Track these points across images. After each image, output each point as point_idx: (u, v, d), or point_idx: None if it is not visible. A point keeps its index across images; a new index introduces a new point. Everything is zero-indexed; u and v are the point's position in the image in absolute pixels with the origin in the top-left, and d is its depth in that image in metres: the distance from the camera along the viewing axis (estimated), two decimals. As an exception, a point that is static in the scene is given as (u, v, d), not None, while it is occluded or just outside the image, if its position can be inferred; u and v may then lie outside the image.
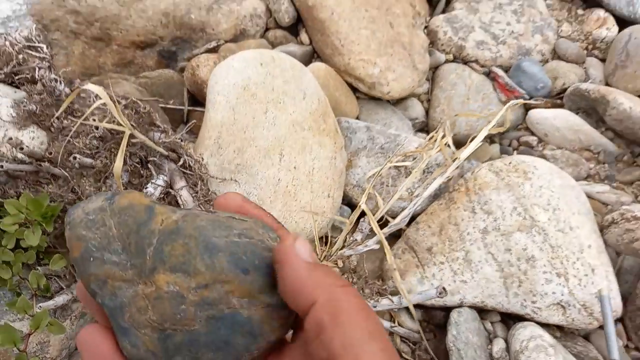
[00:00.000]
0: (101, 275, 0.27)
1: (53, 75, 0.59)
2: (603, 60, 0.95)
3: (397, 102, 0.92)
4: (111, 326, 0.28)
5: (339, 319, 0.23)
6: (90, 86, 0.51)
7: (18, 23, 0.85)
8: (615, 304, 0.66)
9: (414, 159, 0.75)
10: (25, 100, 0.59)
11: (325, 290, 0.24)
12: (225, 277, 0.26)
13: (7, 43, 0.63)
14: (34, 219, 0.50)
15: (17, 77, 0.63)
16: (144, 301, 0.27)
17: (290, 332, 0.29)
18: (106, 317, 0.28)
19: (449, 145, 0.72)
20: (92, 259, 0.27)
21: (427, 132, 0.92)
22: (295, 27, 0.90)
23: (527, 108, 0.92)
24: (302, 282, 0.25)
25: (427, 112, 0.94)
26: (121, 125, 0.54)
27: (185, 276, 0.26)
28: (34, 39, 0.66)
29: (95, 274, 0.27)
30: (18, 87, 0.64)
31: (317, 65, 0.84)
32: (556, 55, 0.96)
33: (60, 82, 0.59)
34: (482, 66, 0.94)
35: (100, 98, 0.50)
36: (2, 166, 0.52)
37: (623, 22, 0.94)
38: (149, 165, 0.59)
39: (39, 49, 0.66)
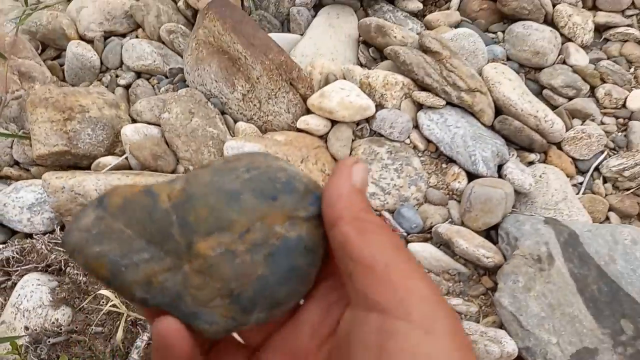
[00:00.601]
0: (141, 278, 0.26)
1: (75, 270, 0.94)
2: (460, 202, 1.33)
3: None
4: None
5: (365, 233, 0.24)
6: (103, 291, 0.86)
7: (40, 207, 1.21)
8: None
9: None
10: (57, 288, 0.94)
11: (353, 210, 0.25)
12: (260, 212, 0.26)
13: (43, 246, 0.98)
14: (70, 375, 0.83)
15: (50, 268, 0.97)
16: (198, 277, 0.26)
17: None
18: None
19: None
20: (123, 268, 0.26)
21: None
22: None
23: (407, 241, 1.30)
24: (338, 195, 0.26)
25: (337, 246, 1.30)
26: (119, 308, 0.89)
27: (224, 232, 0.26)
28: (58, 237, 1.01)
29: (135, 281, 0.26)
30: (52, 274, 0.98)
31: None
32: (427, 200, 1.34)
33: (80, 274, 0.95)
34: (375, 210, 1.31)
35: (110, 300, 0.86)
36: (49, 341, 0.86)
37: (472, 176, 1.34)
38: (137, 327, 0.94)
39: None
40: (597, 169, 1.44)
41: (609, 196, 1.41)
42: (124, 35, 1.67)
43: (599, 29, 1.65)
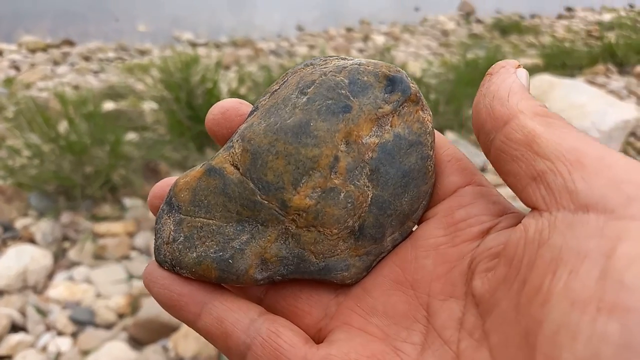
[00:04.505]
0: (254, 261, 0.24)
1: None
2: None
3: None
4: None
5: (555, 127, 0.20)
6: None
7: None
8: None
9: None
10: None
11: (532, 105, 0.22)
12: (339, 133, 0.23)
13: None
14: None
15: None
16: (310, 231, 0.23)
17: None
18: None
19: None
20: (230, 261, 0.24)
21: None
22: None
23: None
24: (508, 91, 0.22)
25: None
26: None
27: (312, 174, 0.23)
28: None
29: (250, 266, 0.24)
30: None
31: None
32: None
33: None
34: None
35: None
36: None
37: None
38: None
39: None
40: None
41: None
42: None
43: None
